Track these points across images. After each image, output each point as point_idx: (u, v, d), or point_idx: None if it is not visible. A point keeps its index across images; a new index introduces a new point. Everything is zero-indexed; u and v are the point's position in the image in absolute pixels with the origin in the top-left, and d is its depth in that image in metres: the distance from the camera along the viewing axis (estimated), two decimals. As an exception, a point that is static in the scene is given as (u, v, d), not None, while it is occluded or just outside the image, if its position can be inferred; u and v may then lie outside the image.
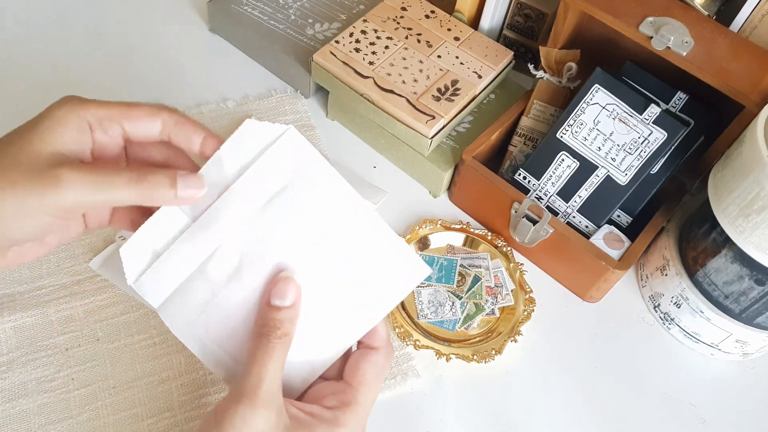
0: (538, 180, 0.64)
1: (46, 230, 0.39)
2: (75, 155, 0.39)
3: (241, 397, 0.37)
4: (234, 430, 0.37)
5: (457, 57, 0.69)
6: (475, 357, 0.57)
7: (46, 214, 0.37)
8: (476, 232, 0.66)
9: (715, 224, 0.54)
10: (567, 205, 0.63)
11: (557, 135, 0.62)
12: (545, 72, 0.68)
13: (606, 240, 0.61)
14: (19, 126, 0.38)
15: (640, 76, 0.62)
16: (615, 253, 0.60)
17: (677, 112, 0.62)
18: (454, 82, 0.67)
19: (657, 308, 0.63)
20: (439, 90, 0.66)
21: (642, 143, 0.60)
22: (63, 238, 0.43)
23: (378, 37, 0.70)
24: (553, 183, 0.63)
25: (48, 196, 0.36)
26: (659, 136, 0.59)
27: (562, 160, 0.63)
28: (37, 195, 0.36)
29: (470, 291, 0.61)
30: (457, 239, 0.66)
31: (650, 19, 0.59)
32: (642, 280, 0.65)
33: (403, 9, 0.73)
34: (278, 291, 0.39)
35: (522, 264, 0.64)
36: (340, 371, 0.43)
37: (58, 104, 0.39)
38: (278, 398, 0.38)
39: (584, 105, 0.62)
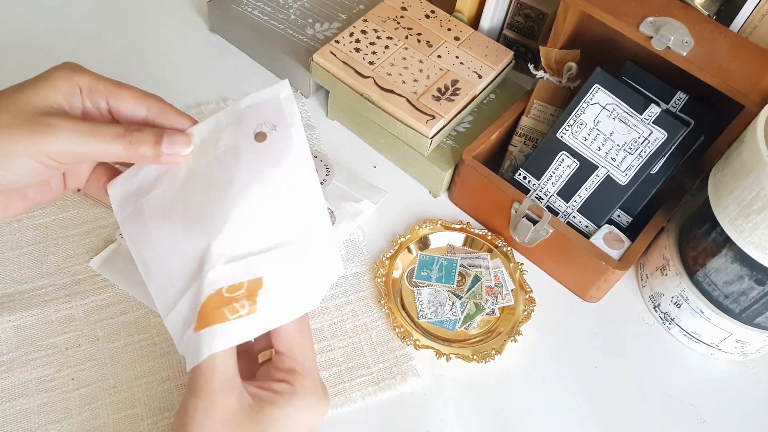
0: (538, 180, 0.64)
1: (31, 178, 0.39)
2: (67, 112, 0.40)
3: (199, 391, 0.37)
4: (197, 425, 0.36)
5: (457, 57, 0.69)
6: (475, 357, 0.57)
7: (33, 158, 0.38)
8: (476, 232, 0.66)
9: (715, 224, 0.54)
10: (567, 205, 0.63)
11: (557, 135, 0.62)
12: (545, 72, 0.68)
13: (606, 240, 0.61)
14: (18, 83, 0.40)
15: (640, 76, 0.62)
16: (615, 253, 0.60)
17: (677, 112, 0.62)
18: (454, 82, 0.67)
19: (657, 308, 0.63)
20: (439, 90, 0.66)
21: (642, 143, 0.60)
22: (44, 196, 0.43)
23: (378, 37, 0.70)
24: (553, 183, 0.63)
25: (37, 141, 0.37)
26: (659, 136, 0.59)
27: (562, 160, 0.63)
28: (27, 139, 0.37)
29: (470, 291, 0.61)
30: (457, 239, 0.66)
31: (650, 19, 0.59)
32: (642, 280, 0.65)
33: (403, 9, 0.73)
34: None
35: (522, 264, 0.64)
36: (268, 345, 0.43)
37: (57, 67, 0.41)
38: (235, 382, 0.38)
39: (584, 105, 0.62)
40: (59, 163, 0.39)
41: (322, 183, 0.66)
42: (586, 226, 0.63)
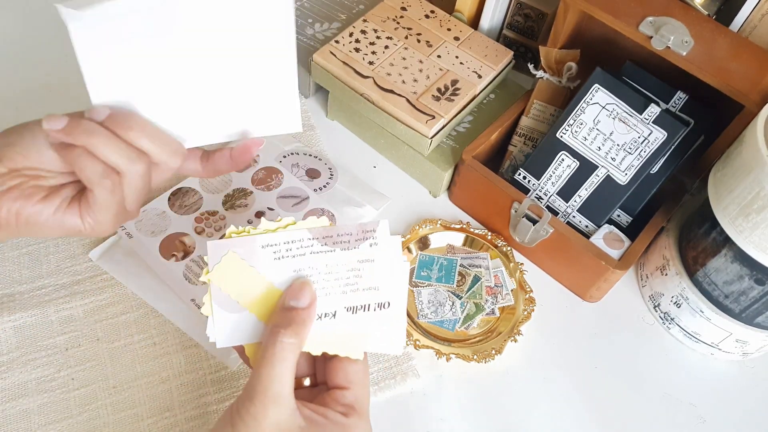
0: (538, 180, 0.64)
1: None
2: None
3: (254, 396, 0.38)
4: (246, 428, 0.37)
5: (456, 57, 0.69)
6: (475, 357, 0.57)
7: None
8: (476, 232, 0.66)
9: (715, 224, 0.54)
10: (567, 204, 0.63)
11: (557, 135, 0.62)
12: (545, 72, 0.68)
13: (606, 240, 0.61)
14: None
15: (640, 75, 0.62)
16: (615, 253, 0.60)
17: (677, 112, 0.62)
18: (454, 82, 0.67)
19: (657, 308, 0.63)
20: (439, 90, 0.66)
21: (642, 143, 0.60)
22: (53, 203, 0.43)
23: (378, 37, 0.70)
24: (553, 183, 0.63)
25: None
26: (659, 135, 0.59)
27: (562, 159, 0.63)
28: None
29: (470, 291, 0.61)
30: (457, 239, 0.66)
31: (650, 18, 0.59)
32: (642, 279, 0.65)
33: (403, 9, 0.73)
34: (294, 293, 0.41)
35: (522, 264, 0.64)
36: (315, 376, 0.44)
37: None
38: (290, 400, 0.39)
39: (584, 105, 0.62)
40: None
41: (325, 186, 0.66)
42: (586, 226, 0.63)
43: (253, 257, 0.41)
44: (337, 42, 0.69)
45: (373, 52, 0.68)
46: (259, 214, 0.63)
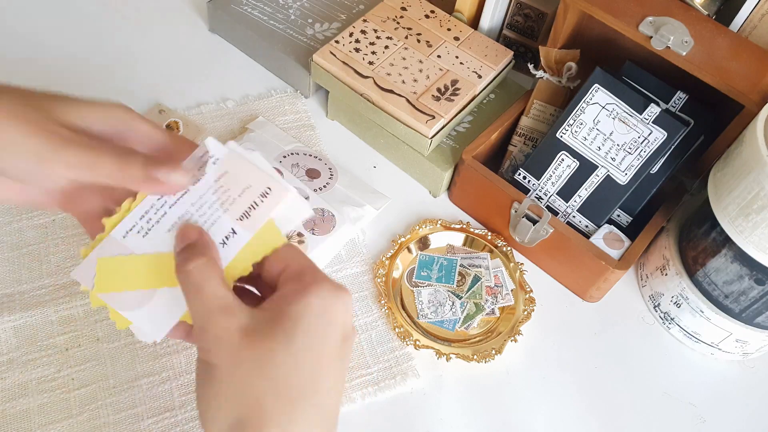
0: (538, 180, 0.64)
1: (29, 164, 0.37)
2: (95, 135, 0.39)
3: (201, 328, 0.35)
4: (213, 355, 0.35)
5: (456, 57, 0.69)
6: (475, 357, 0.57)
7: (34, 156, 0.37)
8: (476, 232, 0.66)
9: (715, 224, 0.54)
10: (567, 204, 0.63)
11: (557, 135, 0.62)
12: (545, 72, 0.68)
13: (606, 240, 0.61)
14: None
15: (639, 75, 0.62)
16: (615, 253, 0.60)
17: (677, 112, 0.62)
18: (454, 82, 0.67)
19: (657, 308, 0.63)
20: (438, 90, 0.66)
21: (642, 143, 0.60)
22: (39, 194, 0.41)
23: (378, 37, 0.70)
24: (553, 183, 0.63)
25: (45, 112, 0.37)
26: (659, 135, 0.59)
27: (562, 159, 0.63)
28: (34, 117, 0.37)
29: (470, 291, 0.61)
30: (457, 239, 0.66)
31: (650, 18, 0.59)
32: (642, 279, 0.65)
33: (403, 9, 0.73)
34: (179, 239, 0.38)
35: (522, 264, 0.64)
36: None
37: (114, 103, 0.41)
38: (240, 305, 0.36)
39: (584, 105, 0.62)
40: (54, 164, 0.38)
41: (325, 186, 0.66)
42: (586, 226, 0.63)
43: (124, 250, 0.40)
44: (337, 42, 0.69)
45: (373, 52, 0.68)
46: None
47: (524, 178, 0.64)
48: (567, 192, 0.63)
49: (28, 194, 0.42)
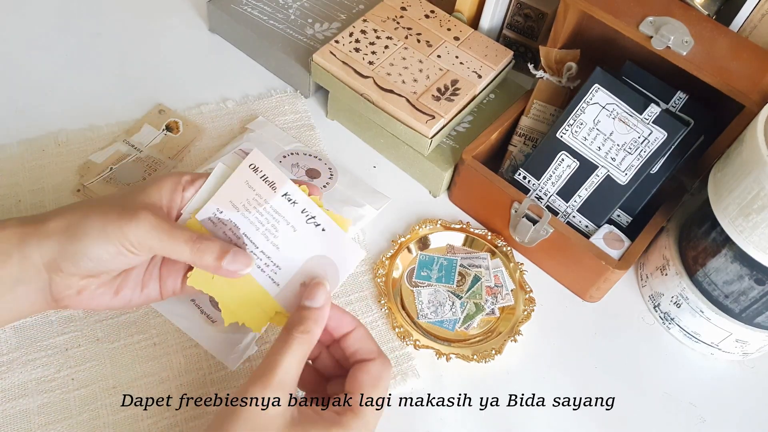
0: (538, 180, 0.64)
1: (115, 263, 0.44)
2: (162, 208, 0.45)
3: (255, 380, 0.40)
4: (245, 411, 0.39)
5: (456, 57, 0.69)
6: (475, 357, 0.57)
7: (117, 241, 0.43)
8: (476, 232, 0.66)
9: (715, 224, 0.54)
10: (567, 204, 0.63)
11: (557, 135, 0.62)
12: (545, 72, 0.68)
13: (606, 240, 0.61)
14: None
15: (640, 75, 0.62)
16: (615, 253, 0.60)
17: (677, 112, 0.62)
18: (454, 82, 0.67)
19: (657, 308, 0.63)
20: (438, 90, 0.66)
21: (642, 143, 0.60)
22: (134, 294, 0.47)
23: (378, 37, 0.70)
24: (553, 183, 0.63)
25: (123, 227, 0.42)
26: (659, 135, 0.59)
27: (562, 159, 0.63)
28: (116, 224, 0.43)
29: (470, 291, 0.61)
30: (457, 239, 0.66)
31: (650, 18, 0.59)
32: (642, 279, 0.65)
33: (403, 9, 0.73)
34: (309, 293, 0.44)
35: (522, 264, 0.64)
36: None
37: (167, 174, 0.47)
38: (291, 389, 0.41)
39: (584, 105, 0.62)
40: (135, 252, 0.43)
41: (325, 186, 0.66)
42: (586, 226, 0.63)
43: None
44: (337, 42, 0.69)
45: (373, 52, 0.68)
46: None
47: (524, 178, 0.64)
48: (567, 192, 0.63)
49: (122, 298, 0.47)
